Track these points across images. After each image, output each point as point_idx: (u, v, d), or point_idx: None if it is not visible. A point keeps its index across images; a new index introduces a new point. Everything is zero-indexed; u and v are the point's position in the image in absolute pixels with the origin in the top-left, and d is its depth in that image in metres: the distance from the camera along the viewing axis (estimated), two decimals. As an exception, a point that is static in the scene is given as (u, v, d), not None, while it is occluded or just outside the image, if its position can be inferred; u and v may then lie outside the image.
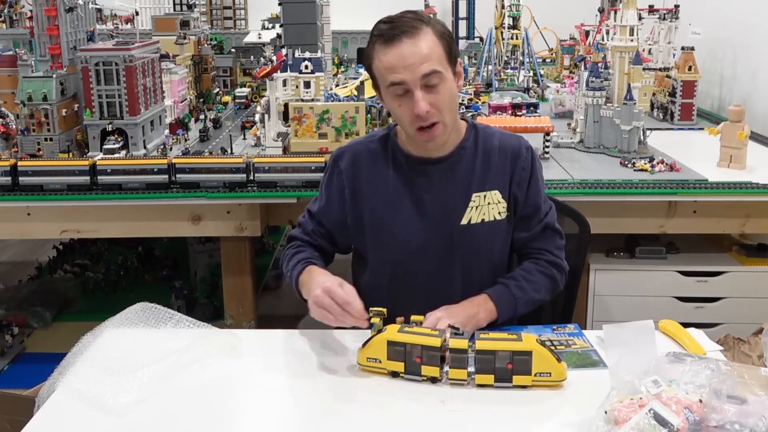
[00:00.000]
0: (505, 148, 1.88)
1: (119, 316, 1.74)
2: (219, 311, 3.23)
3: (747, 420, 1.25)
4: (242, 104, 4.00)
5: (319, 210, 1.95)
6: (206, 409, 1.48)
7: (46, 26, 2.94)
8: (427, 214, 1.86)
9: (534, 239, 1.91)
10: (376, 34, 1.74)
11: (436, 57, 1.71)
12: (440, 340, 1.52)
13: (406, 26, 1.70)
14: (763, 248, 2.98)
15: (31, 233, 2.83)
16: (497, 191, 1.86)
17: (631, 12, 3.15)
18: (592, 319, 2.91)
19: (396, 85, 1.72)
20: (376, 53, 1.74)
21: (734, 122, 2.83)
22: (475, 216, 1.85)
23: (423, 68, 1.69)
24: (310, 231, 1.95)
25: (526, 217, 1.90)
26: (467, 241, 1.86)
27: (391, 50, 1.71)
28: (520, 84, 4.31)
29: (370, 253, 1.93)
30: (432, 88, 1.71)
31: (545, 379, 1.50)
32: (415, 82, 1.70)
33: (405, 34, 1.70)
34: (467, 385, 1.52)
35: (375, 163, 1.89)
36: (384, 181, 1.88)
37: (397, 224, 1.87)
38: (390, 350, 1.53)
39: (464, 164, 1.86)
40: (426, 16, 1.77)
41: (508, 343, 1.50)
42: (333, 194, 1.93)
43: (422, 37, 1.70)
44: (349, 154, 1.92)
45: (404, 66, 1.69)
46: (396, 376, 1.55)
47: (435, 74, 1.70)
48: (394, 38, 1.70)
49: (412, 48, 1.69)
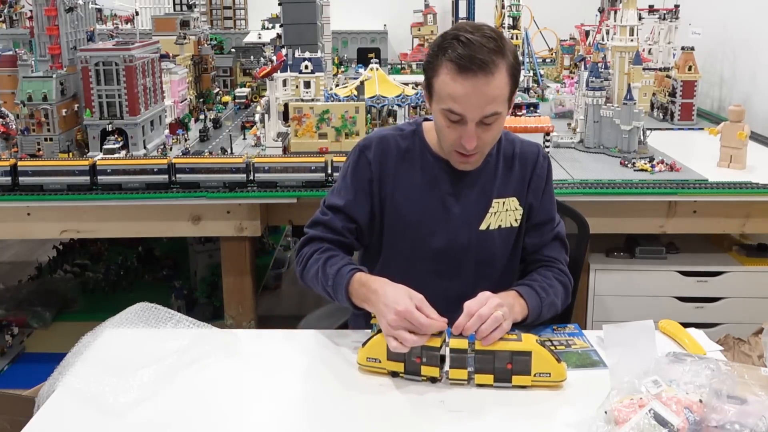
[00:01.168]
0: (524, 156, 1.87)
1: (119, 316, 1.74)
2: (219, 311, 3.23)
3: (747, 420, 1.25)
4: (242, 104, 4.00)
5: (347, 204, 1.83)
6: (206, 409, 1.48)
7: (46, 26, 2.94)
8: (450, 217, 1.83)
9: (546, 246, 1.89)
10: (451, 55, 1.62)
11: (502, 98, 1.65)
12: (440, 340, 1.52)
13: (484, 60, 1.59)
14: (763, 248, 2.98)
15: (31, 233, 2.83)
16: (515, 198, 1.86)
17: (631, 12, 3.15)
18: (592, 319, 2.91)
19: (453, 113, 1.66)
20: (443, 73, 1.64)
21: (734, 122, 2.83)
22: (493, 222, 1.84)
23: (487, 109, 1.64)
24: (340, 228, 1.82)
25: (539, 224, 1.89)
26: (483, 246, 1.85)
27: (461, 81, 1.61)
28: (520, 84, 4.31)
29: (384, 249, 1.89)
30: (487, 125, 1.68)
31: (545, 379, 1.50)
32: (473, 119, 1.65)
33: (481, 70, 1.59)
34: (467, 385, 1.52)
35: (402, 159, 1.84)
36: (410, 179, 1.83)
37: (418, 223, 1.84)
38: (390, 350, 1.53)
39: (488, 170, 1.85)
40: (503, 41, 1.65)
41: (508, 343, 1.50)
42: (360, 185, 1.83)
43: (496, 76, 1.61)
44: (377, 145, 1.84)
45: (469, 103, 1.63)
46: (396, 376, 1.54)
47: (495, 115, 1.66)
48: (468, 71, 1.60)
49: (483, 88, 1.61)
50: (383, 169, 1.83)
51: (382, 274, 1.87)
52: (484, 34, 1.63)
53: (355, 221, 1.84)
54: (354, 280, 1.68)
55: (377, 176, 1.82)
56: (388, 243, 1.88)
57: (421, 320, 1.50)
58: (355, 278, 1.68)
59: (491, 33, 1.64)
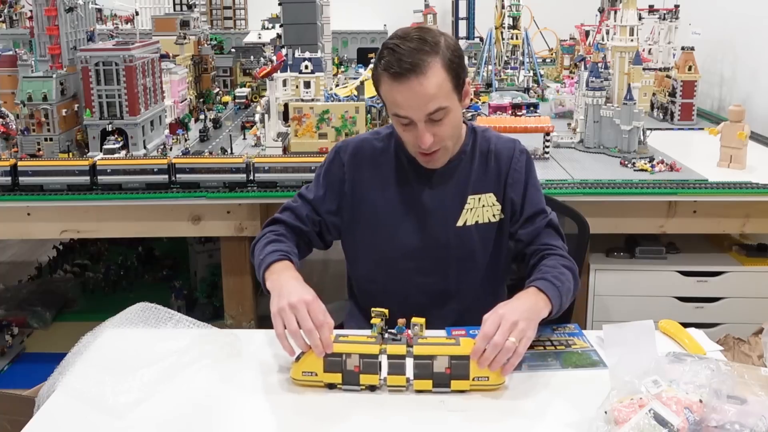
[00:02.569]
0: (500, 152, 1.89)
1: (119, 316, 1.74)
2: (219, 311, 3.23)
3: (747, 420, 1.25)
4: (242, 104, 4.00)
5: (316, 198, 1.91)
6: (206, 410, 1.48)
7: (46, 26, 2.94)
8: (425, 215, 1.87)
9: (540, 235, 1.88)
10: (383, 64, 1.69)
11: (443, 93, 1.68)
12: (378, 347, 1.51)
13: (413, 62, 1.64)
14: (763, 248, 2.98)
15: (31, 233, 2.82)
16: (492, 194, 1.88)
17: (631, 12, 3.15)
18: (592, 319, 2.91)
19: (400, 117, 1.72)
20: (383, 83, 1.71)
21: (734, 122, 2.83)
22: (470, 218, 1.87)
23: (429, 107, 1.67)
24: (303, 216, 1.89)
25: (530, 216, 1.89)
26: (462, 242, 1.88)
27: (396, 87, 1.67)
28: (520, 84, 4.31)
29: (364, 250, 1.93)
30: (437, 121, 1.71)
31: (483, 383, 1.49)
32: (419, 120, 1.69)
33: (412, 72, 1.64)
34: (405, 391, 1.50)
35: (377, 161, 1.89)
36: (385, 180, 1.88)
37: (394, 223, 1.88)
38: (326, 362, 1.50)
39: (462, 168, 1.88)
40: (435, 39, 1.69)
41: (446, 348, 1.50)
42: (332, 184, 1.91)
43: (429, 74, 1.65)
44: (353, 148, 1.91)
45: (409, 105, 1.68)
46: (333, 388, 1.51)
47: (440, 110, 1.69)
48: (400, 76, 1.65)
49: (418, 88, 1.65)
50: (356, 171, 1.89)
51: (366, 274, 1.90)
52: (413, 37, 1.69)
53: (319, 214, 1.91)
54: (276, 264, 1.72)
55: (350, 177, 1.89)
56: (368, 243, 1.92)
57: (303, 315, 1.52)
58: (278, 264, 1.72)
59: (419, 35, 1.69)
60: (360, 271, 1.98)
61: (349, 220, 1.92)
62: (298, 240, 1.89)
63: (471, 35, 5.16)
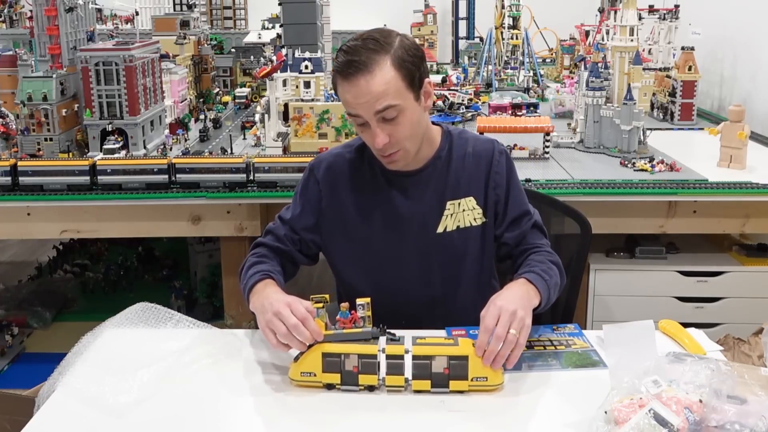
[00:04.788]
0: (478, 154, 1.87)
1: (119, 316, 1.74)
2: (219, 311, 3.23)
3: (747, 420, 1.25)
4: (242, 104, 4.00)
5: (293, 217, 1.92)
6: (206, 409, 1.48)
7: (46, 26, 2.94)
8: (403, 225, 1.86)
9: (527, 235, 1.89)
10: (335, 65, 1.72)
11: (393, 91, 1.68)
12: (376, 347, 1.51)
13: (361, 62, 1.66)
14: (763, 248, 2.98)
15: (31, 233, 2.83)
16: (472, 198, 1.86)
17: (631, 12, 3.15)
18: (592, 319, 2.91)
19: (352, 116, 1.74)
20: (337, 84, 1.74)
21: (734, 122, 2.83)
22: (450, 224, 1.86)
23: (377, 105, 1.68)
24: (282, 236, 1.91)
25: (516, 218, 1.89)
26: (444, 249, 1.86)
27: (346, 86, 1.69)
28: (520, 84, 4.32)
29: (346, 262, 1.93)
30: (390, 120, 1.70)
31: (482, 383, 1.49)
32: (370, 118, 1.70)
33: (359, 71, 1.66)
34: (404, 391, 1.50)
35: (351, 174, 1.89)
36: (360, 192, 1.88)
37: (372, 235, 1.87)
38: (325, 362, 1.51)
39: (438, 173, 1.86)
40: (388, 39, 1.71)
41: (445, 348, 1.50)
42: (308, 203, 1.91)
43: (377, 73, 1.66)
44: (326, 164, 1.91)
45: (358, 103, 1.69)
46: (332, 388, 1.52)
47: (391, 108, 1.68)
48: (349, 76, 1.67)
49: (365, 86, 1.66)
50: (331, 187, 1.89)
51: (353, 285, 1.90)
52: (366, 38, 1.71)
53: (297, 233, 1.91)
54: (257, 285, 1.74)
55: (326, 193, 1.89)
56: (349, 256, 1.92)
57: (287, 315, 1.53)
58: (259, 284, 1.74)
59: (372, 35, 1.71)
60: (345, 284, 1.97)
61: (328, 234, 1.91)
62: (282, 260, 1.90)
63: (471, 35, 5.17)
